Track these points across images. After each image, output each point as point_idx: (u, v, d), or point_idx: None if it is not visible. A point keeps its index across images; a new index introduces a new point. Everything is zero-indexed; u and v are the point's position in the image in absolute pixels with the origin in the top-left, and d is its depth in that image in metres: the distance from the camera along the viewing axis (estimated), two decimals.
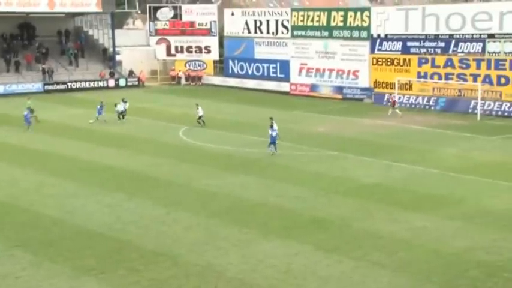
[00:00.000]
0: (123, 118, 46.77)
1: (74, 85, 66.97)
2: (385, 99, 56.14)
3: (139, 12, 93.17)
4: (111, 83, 69.58)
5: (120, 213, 26.43)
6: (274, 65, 68.15)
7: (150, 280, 19.81)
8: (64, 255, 21.87)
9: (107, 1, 70.72)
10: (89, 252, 22.08)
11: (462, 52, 54.33)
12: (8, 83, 63.85)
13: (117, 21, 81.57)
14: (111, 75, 70.80)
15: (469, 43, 53.94)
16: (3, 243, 22.93)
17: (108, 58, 73.61)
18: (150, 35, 76.07)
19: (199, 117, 45.45)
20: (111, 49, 73.49)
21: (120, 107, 47.00)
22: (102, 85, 68.62)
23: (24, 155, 36.96)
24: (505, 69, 51.89)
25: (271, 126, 37.02)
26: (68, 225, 24.98)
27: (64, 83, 66.87)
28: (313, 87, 63.91)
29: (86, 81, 68.16)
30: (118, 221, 25.36)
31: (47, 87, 65.41)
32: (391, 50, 58.83)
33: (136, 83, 71.28)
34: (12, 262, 21.23)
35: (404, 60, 57.86)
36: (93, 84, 68.27)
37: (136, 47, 77.59)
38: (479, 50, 53.30)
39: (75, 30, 76.11)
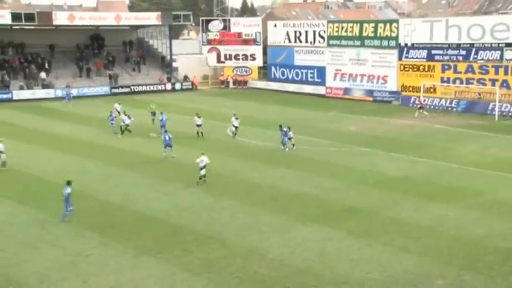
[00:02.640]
0: (201, 135, 40.62)
1: (136, 88, 67.78)
2: (411, 101, 55.54)
3: (193, 24, 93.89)
4: (169, 86, 70.15)
5: (175, 201, 26.63)
6: (312, 71, 67.85)
7: (201, 260, 19.93)
8: (127, 237, 22.14)
9: (166, 15, 71.43)
10: (149, 235, 22.31)
11: (482, 59, 53.37)
12: (81, 87, 64.91)
13: (174, 33, 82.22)
14: (169, 79, 71.41)
15: (488, 51, 52.99)
16: (76, 225, 23.33)
17: (166, 65, 74.23)
18: (203, 45, 76.48)
19: (236, 128, 40.29)
20: (168, 57, 74.05)
21: (199, 121, 40.90)
22: (160, 88, 69.25)
23: (94, 150, 37.47)
24: None
25: (282, 128, 36.74)
26: (130, 210, 25.27)
27: (128, 86, 67.68)
28: (346, 90, 63.42)
29: (146, 85, 68.89)
30: (174, 208, 25.55)
31: (113, 90, 66.32)
32: (417, 58, 58.06)
33: (190, 86, 71.71)
34: (83, 242, 21.60)
35: (429, 66, 57.05)
36: (153, 87, 68.95)
37: (190, 55, 78.10)
38: (498, 58, 52.33)
39: (138, 41, 76.92)
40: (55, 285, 18.22)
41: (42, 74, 64.71)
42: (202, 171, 28.89)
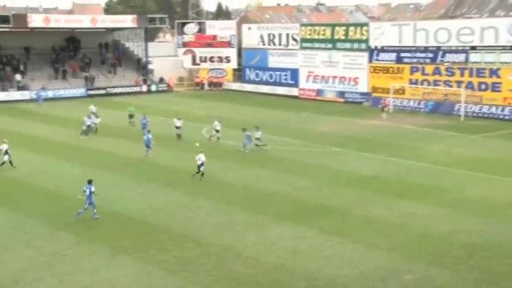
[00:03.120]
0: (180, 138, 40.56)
1: (112, 90, 67.29)
2: (381, 102, 55.94)
3: (168, 27, 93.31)
4: (144, 88, 69.81)
5: (151, 200, 26.48)
6: (285, 73, 68.04)
7: (177, 258, 19.84)
8: (103, 236, 21.96)
9: (141, 18, 71.07)
10: (124, 234, 22.14)
11: (448, 62, 54.03)
12: (57, 89, 64.24)
13: (150, 35, 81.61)
14: (144, 81, 71.03)
15: (454, 54, 53.64)
16: (51, 226, 23.07)
17: (141, 67, 73.80)
18: (178, 47, 76.25)
19: (217, 131, 39.72)
20: (144, 59, 73.69)
21: (178, 123, 41.22)
22: (136, 90, 68.87)
23: (70, 151, 37.07)
24: (485, 76, 51.62)
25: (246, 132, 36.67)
26: (106, 210, 24.99)
27: (104, 88, 67.17)
28: (319, 92, 63.71)
29: (122, 86, 68.44)
30: (149, 208, 25.41)
31: (89, 92, 65.70)
32: (386, 60, 58.57)
33: (166, 88, 71.44)
34: (59, 242, 21.35)
35: (398, 68, 57.59)
36: (129, 89, 68.57)
37: (166, 57, 77.68)
38: (463, 60, 52.99)
39: (113, 43, 76.36)
40: (30, 286, 17.96)
41: (18, 76, 63.86)
42: (202, 168, 29.46)
